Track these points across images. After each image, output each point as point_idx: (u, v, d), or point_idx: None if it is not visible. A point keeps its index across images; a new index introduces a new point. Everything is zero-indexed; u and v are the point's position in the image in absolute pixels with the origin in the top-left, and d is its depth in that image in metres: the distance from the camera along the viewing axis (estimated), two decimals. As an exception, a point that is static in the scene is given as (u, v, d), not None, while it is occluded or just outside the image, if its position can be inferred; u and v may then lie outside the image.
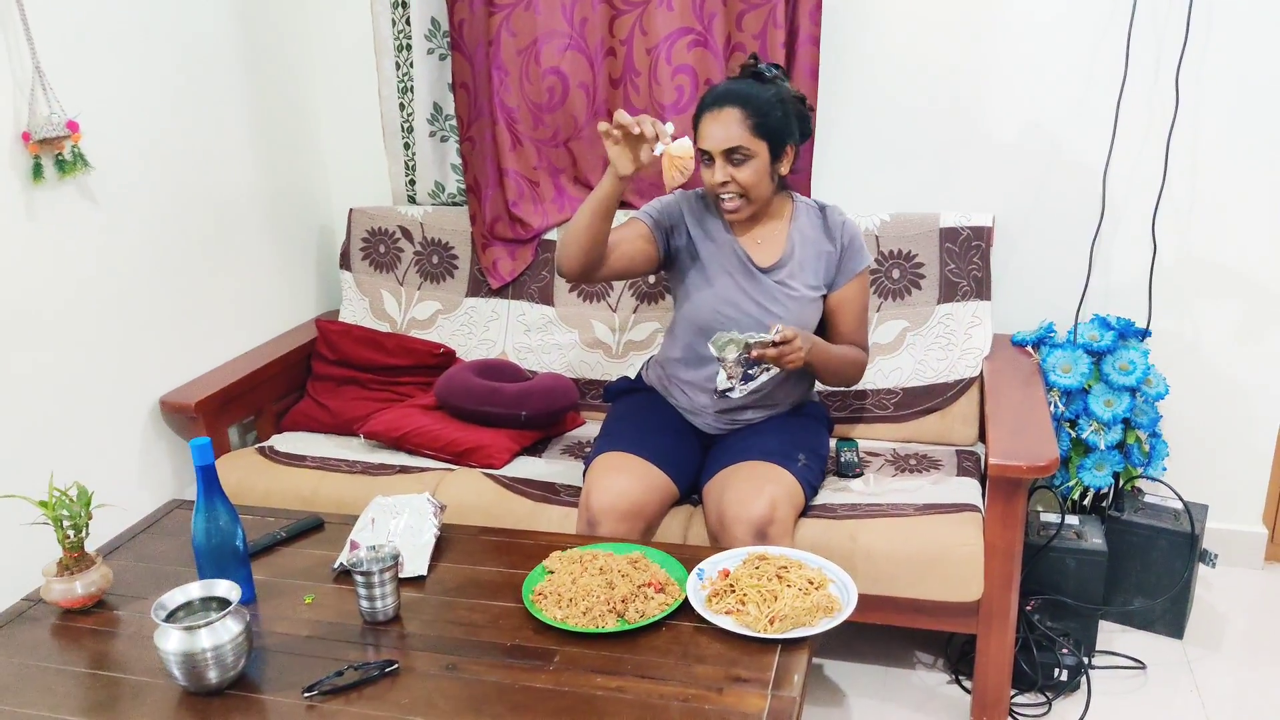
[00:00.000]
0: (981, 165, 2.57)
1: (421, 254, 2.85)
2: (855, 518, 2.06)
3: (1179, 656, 2.35)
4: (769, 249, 2.15)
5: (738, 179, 2.02)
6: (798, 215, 2.17)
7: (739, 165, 2.01)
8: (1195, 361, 2.56)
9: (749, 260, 2.14)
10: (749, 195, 2.04)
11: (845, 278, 2.16)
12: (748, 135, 2.00)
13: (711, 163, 2.03)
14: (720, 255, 2.15)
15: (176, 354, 2.49)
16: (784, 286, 2.12)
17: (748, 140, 2.00)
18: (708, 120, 2.01)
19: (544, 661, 1.53)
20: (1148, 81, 2.42)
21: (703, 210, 2.19)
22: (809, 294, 2.14)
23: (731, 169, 2.02)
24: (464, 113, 2.70)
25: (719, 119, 2.00)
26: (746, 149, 2.00)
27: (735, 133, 1.99)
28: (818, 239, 2.15)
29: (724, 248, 2.15)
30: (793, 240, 2.15)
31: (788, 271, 2.13)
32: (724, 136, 1.99)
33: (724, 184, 2.03)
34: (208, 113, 2.56)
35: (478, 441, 2.36)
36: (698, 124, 2.04)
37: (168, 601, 1.52)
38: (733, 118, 1.99)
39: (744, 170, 2.02)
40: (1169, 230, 2.50)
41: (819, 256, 2.15)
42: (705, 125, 2.02)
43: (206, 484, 1.65)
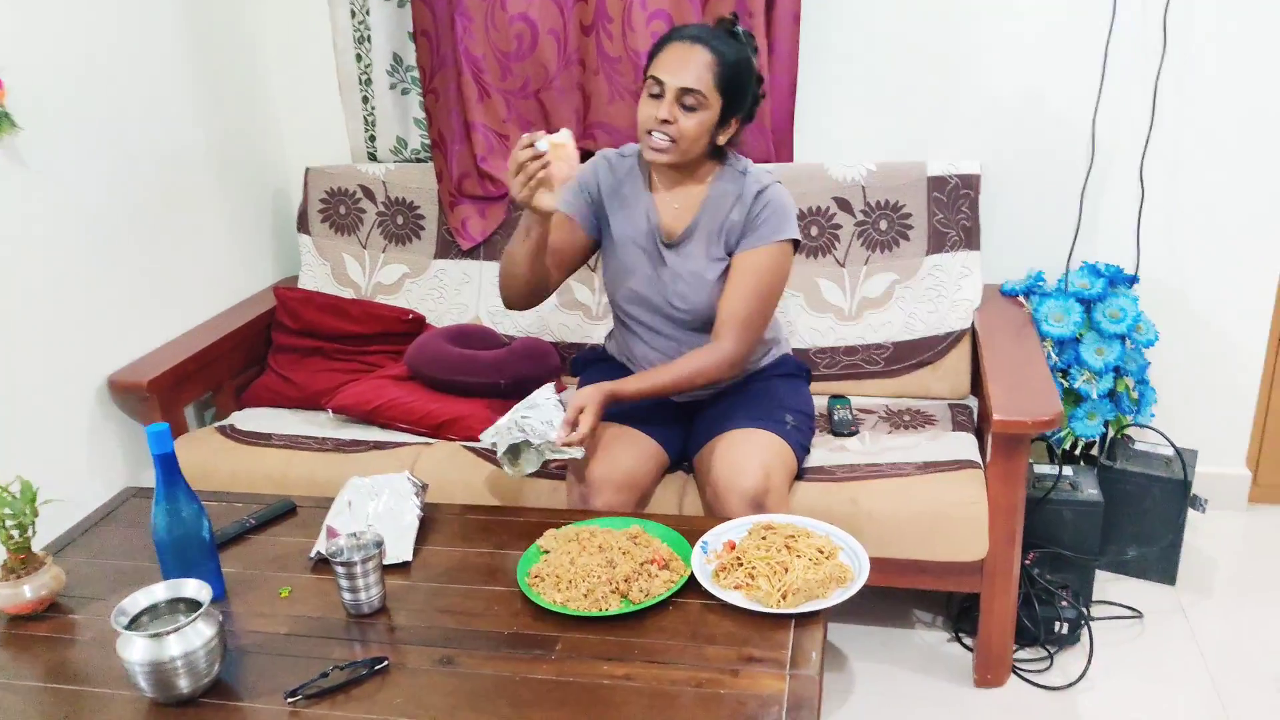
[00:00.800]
0: (968, 112, 2.49)
1: (385, 214, 2.71)
2: (855, 479, 1.99)
3: (1173, 603, 2.35)
4: (683, 214, 2.00)
5: (681, 125, 1.86)
6: (720, 177, 2.00)
7: (688, 111, 1.86)
8: (1181, 307, 2.53)
9: (658, 231, 2.00)
10: (680, 144, 1.88)
11: (746, 246, 1.95)
12: (710, 83, 1.85)
13: (659, 95, 1.86)
14: (632, 224, 2.02)
15: (124, 329, 2.33)
16: (686, 261, 1.98)
17: (708, 88, 1.85)
18: (675, 49, 1.86)
19: (545, 650, 1.44)
20: (1135, 23, 2.35)
21: (621, 170, 2.05)
22: (709, 270, 1.97)
23: (679, 111, 1.86)
24: (426, 63, 2.55)
25: (688, 54, 1.85)
26: (703, 96, 1.85)
27: (700, 75, 1.84)
28: (728, 207, 1.97)
29: (638, 215, 2.02)
30: (704, 209, 1.99)
31: (693, 243, 1.99)
32: (686, 74, 1.84)
33: (664, 122, 1.86)
34: (148, 67, 2.39)
35: (456, 412, 2.25)
36: (657, 50, 1.89)
37: (129, 606, 1.39)
38: (702, 59, 1.85)
39: (691, 118, 1.86)
40: (1156, 175, 2.45)
41: (722, 228, 1.97)
42: (670, 53, 1.86)
43: (166, 473, 1.52)
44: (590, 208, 2.06)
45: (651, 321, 2.05)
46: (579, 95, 2.56)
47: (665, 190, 2.02)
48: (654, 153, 1.90)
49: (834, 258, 2.43)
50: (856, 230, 2.42)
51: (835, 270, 2.43)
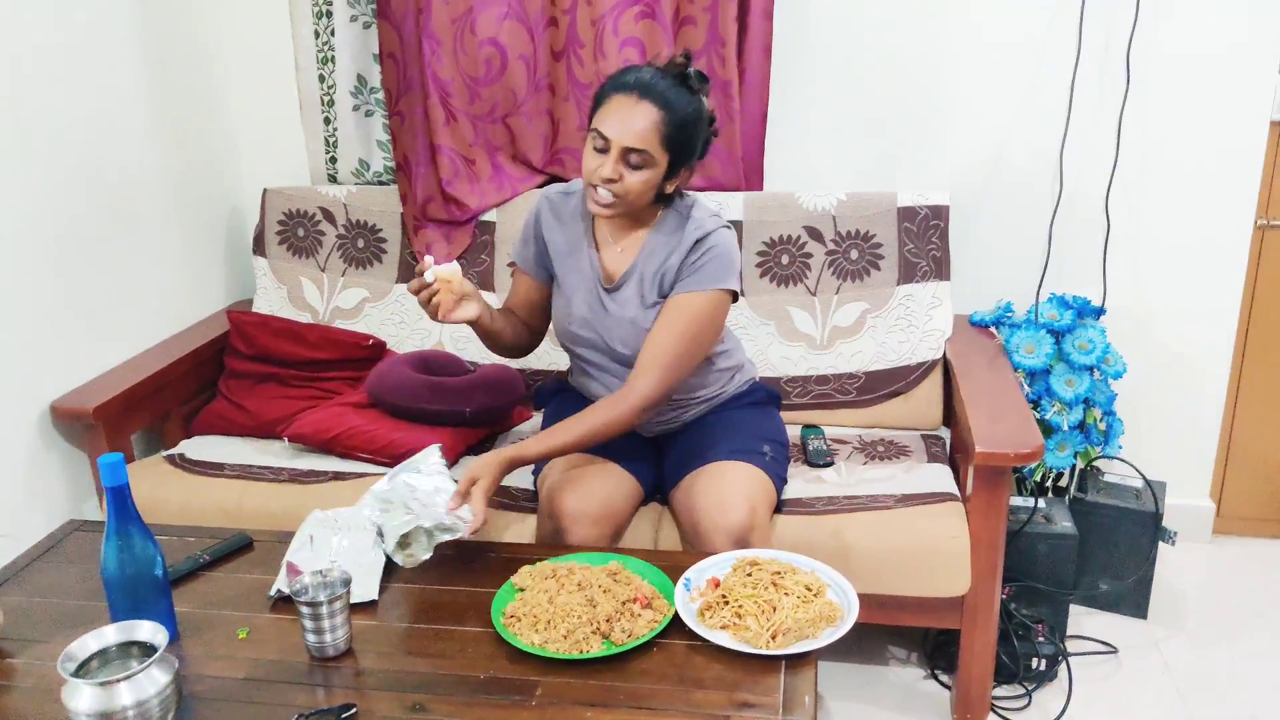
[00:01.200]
0: (938, 144, 2.50)
1: (345, 237, 2.63)
2: (835, 512, 1.95)
3: (1146, 637, 2.34)
4: (623, 259, 1.94)
5: (626, 182, 1.78)
6: (662, 222, 1.92)
7: (634, 169, 1.78)
8: (1146, 339, 2.54)
9: (599, 276, 1.95)
10: (624, 200, 1.81)
11: (681, 290, 1.86)
12: (657, 143, 1.76)
13: (604, 151, 1.77)
14: (577, 270, 1.97)
15: (68, 354, 2.22)
16: (621, 307, 1.92)
17: (654, 147, 1.76)
18: (621, 104, 1.76)
19: (525, 695, 1.37)
20: (1099, 59, 2.38)
21: (566, 213, 2.00)
22: (644, 316, 1.90)
23: (624, 169, 1.78)
24: (392, 85, 2.49)
25: (633, 110, 1.75)
26: (648, 155, 1.77)
27: (645, 135, 1.75)
28: (666, 247, 1.89)
29: (581, 260, 1.96)
30: (642, 252, 1.92)
31: (628, 288, 1.92)
32: (632, 133, 1.75)
33: (609, 181, 1.78)
34: (101, 83, 2.29)
35: (419, 442, 2.14)
36: (604, 99, 1.80)
37: (77, 651, 1.29)
38: (648, 117, 1.75)
39: (636, 176, 1.78)
40: (1121, 207, 2.47)
41: (658, 273, 1.89)
42: (617, 108, 1.77)
43: (118, 507, 1.43)
44: (539, 254, 2.02)
45: (599, 360, 2.00)
46: (547, 121, 2.53)
47: (609, 233, 1.96)
48: (598, 207, 1.83)
49: (805, 286, 2.41)
50: (828, 259, 2.40)
51: (807, 299, 2.41)
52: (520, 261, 2.04)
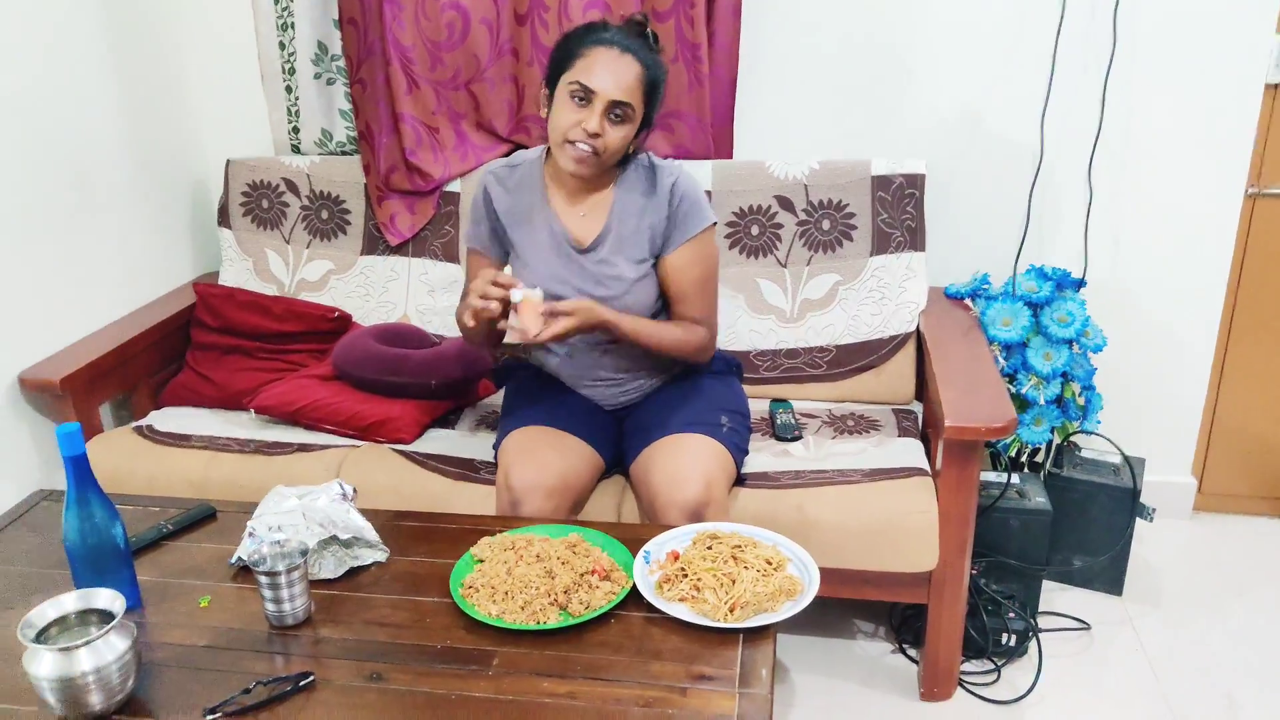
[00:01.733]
0: (913, 110, 2.45)
1: (309, 209, 2.60)
2: (800, 486, 1.93)
3: (1120, 614, 2.32)
4: (590, 222, 1.93)
5: (608, 137, 1.79)
6: (624, 178, 1.93)
7: (616, 123, 1.80)
8: (1128, 312, 2.51)
9: (566, 239, 1.93)
10: (603, 156, 1.82)
11: (675, 243, 1.91)
12: (639, 95, 1.80)
13: (585, 103, 1.78)
14: (535, 237, 1.94)
15: (35, 325, 2.20)
16: (606, 265, 1.91)
17: (637, 101, 1.80)
18: (605, 56, 1.77)
19: (481, 665, 1.36)
20: (1084, 20, 2.33)
21: (514, 185, 1.97)
22: (633, 271, 1.91)
23: (608, 124, 1.79)
24: (353, 52, 2.44)
25: (620, 64, 1.78)
26: (632, 109, 1.80)
27: (631, 87, 1.78)
28: (642, 206, 1.91)
29: (540, 227, 1.94)
30: (614, 213, 1.92)
31: (608, 248, 1.91)
32: (620, 87, 1.77)
33: (594, 136, 1.79)
34: (59, 51, 2.25)
35: (384, 414, 2.15)
36: (580, 51, 1.79)
37: (37, 618, 1.30)
38: (633, 71, 1.78)
39: (618, 131, 1.80)
40: (1104, 176, 2.43)
41: (641, 229, 1.91)
42: (600, 60, 1.77)
43: (78, 476, 1.43)
44: (494, 230, 1.99)
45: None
46: (512, 87, 2.48)
47: (566, 198, 1.94)
48: (576, 164, 1.82)
49: (775, 258, 2.38)
50: (798, 230, 2.37)
51: (777, 271, 2.38)
52: (475, 243, 2.00)
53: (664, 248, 1.92)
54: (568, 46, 1.83)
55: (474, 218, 2.00)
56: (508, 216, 1.96)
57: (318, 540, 1.55)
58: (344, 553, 1.59)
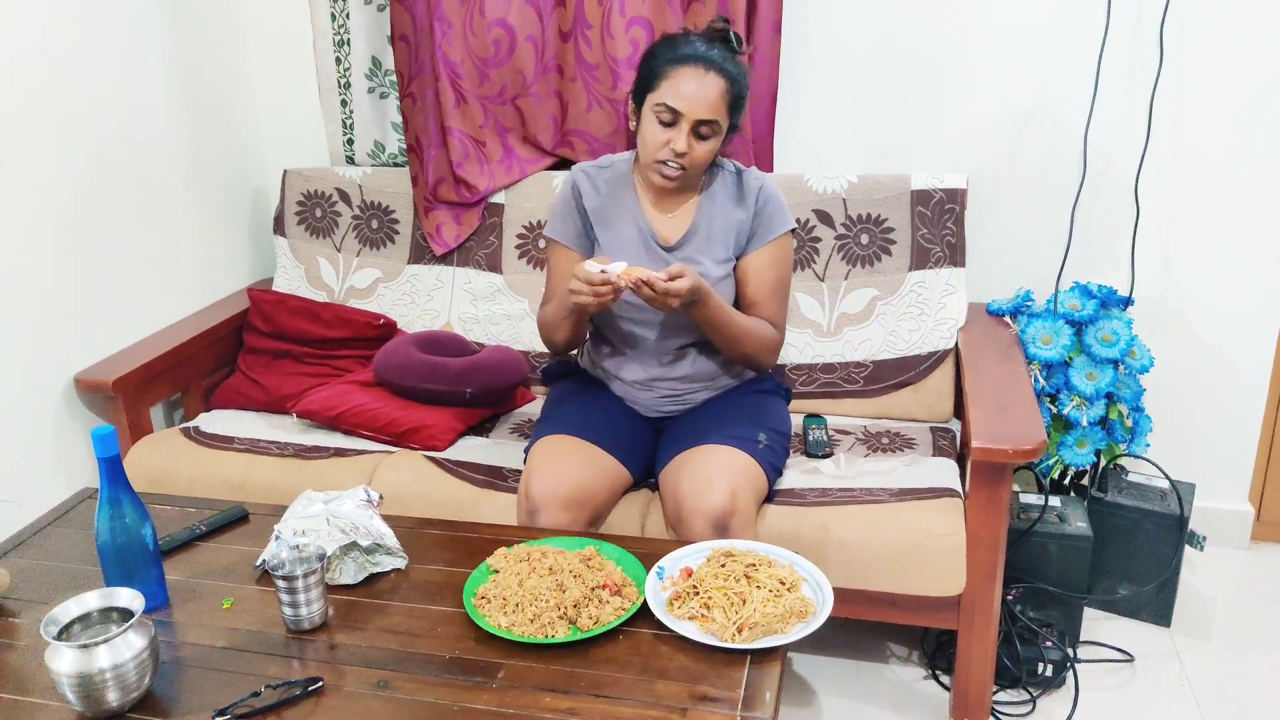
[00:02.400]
0: (955, 124, 2.42)
1: (360, 218, 2.66)
2: (827, 504, 1.91)
3: (1167, 646, 2.24)
4: (678, 223, 1.97)
5: (696, 153, 1.83)
6: (711, 183, 1.98)
7: (703, 139, 1.83)
8: (1179, 332, 2.44)
9: (652, 238, 1.96)
10: (691, 171, 1.87)
11: (756, 243, 1.96)
12: (724, 110, 1.82)
13: (672, 124, 1.82)
14: (622, 236, 1.96)
15: (94, 328, 2.28)
16: (691, 263, 1.92)
17: (722, 115, 1.83)
18: (689, 76, 1.80)
19: (487, 677, 1.37)
20: (1130, 34, 2.27)
21: (602, 185, 2.00)
22: (717, 270, 1.95)
23: (695, 140, 1.83)
24: (404, 67, 2.49)
25: (703, 82, 1.79)
26: (718, 124, 1.83)
27: (716, 104, 1.81)
28: (729, 208, 1.96)
29: (627, 227, 1.97)
30: (702, 212, 1.96)
31: (694, 246, 1.95)
32: (706, 105, 1.80)
33: (681, 155, 1.83)
34: (124, 65, 2.33)
35: (419, 421, 2.18)
36: (665, 71, 1.82)
37: (60, 615, 1.34)
38: (718, 88, 1.80)
39: (705, 146, 1.84)
40: (1152, 193, 2.37)
41: (729, 227, 1.95)
42: (687, 80, 1.80)
43: (111, 477, 1.48)
44: (583, 227, 2.00)
45: (639, 332, 1.99)
46: (556, 102, 2.51)
47: (654, 201, 1.98)
48: (666, 181, 1.88)
49: (813, 271, 2.36)
50: (837, 244, 2.35)
51: (814, 285, 2.36)
52: (561, 238, 2.01)
53: (746, 248, 1.96)
54: (653, 64, 1.85)
55: (561, 214, 2.02)
56: (596, 214, 1.99)
57: (338, 546, 1.58)
58: (365, 559, 1.61)
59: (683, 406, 2.04)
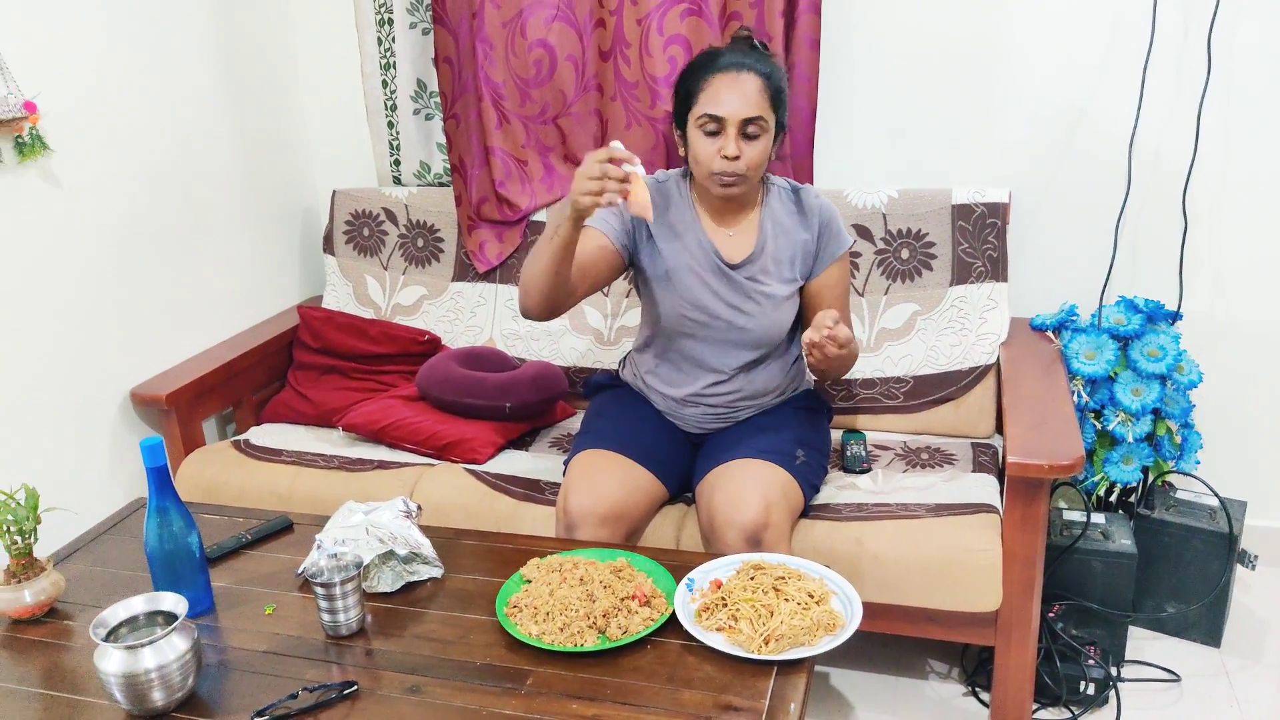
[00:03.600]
0: (996, 137, 2.40)
1: (406, 237, 2.72)
2: (861, 519, 1.91)
3: (1216, 667, 2.19)
4: (741, 241, 1.96)
5: (748, 155, 1.83)
6: (769, 201, 1.98)
7: (752, 140, 1.83)
8: (1230, 347, 2.39)
9: (718, 256, 1.95)
10: (749, 175, 1.86)
11: (824, 264, 1.96)
12: (767, 106, 1.82)
13: (717, 133, 1.82)
14: (686, 252, 1.96)
15: (149, 344, 2.37)
16: (756, 283, 1.94)
17: (766, 112, 1.82)
18: (723, 83, 1.81)
19: (516, 684, 1.39)
20: (1176, 44, 2.24)
21: (662, 197, 1.99)
22: (783, 290, 1.95)
23: (744, 143, 1.83)
24: (448, 89, 2.55)
25: (739, 84, 1.81)
26: (764, 121, 1.82)
27: (757, 101, 1.81)
28: (792, 227, 1.96)
29: (691, 244, 1.96)
30: (765, 231, 1.96)
31: (760, 266, 1.95)
32: (747, 104, 1.80)
33: (734, 159, 1.83)
34: (180, 91, 2.43)
35: (460, 435, 2.22)
36: (700, 85, 1.84)
37: (109, 618, 1.40)
38: (754, 85, 1.81)
39: (756, 146, 1.84)
40: (1201, 206, 2.33)
41: (794, 246, 1.95)
42: (720, 89, 1.81)
43: (159, 486, 1.53)
44: (626, 228, 1.97)
45: (698, 350, 1.99)
46: (596, 120, 2.54)
47: (714, 218, 1.98)
48: (725, 189, 1.88)
49: (853, 287, 2.36)
50: (877, 259, 2.34)
51: (854, 300, 2.35)
52: (602, 225, 1.93)
53: (814, 268, 1.97)
54: (687, 86, 1.87)
55: (613, 211, 1.94)
56: (660, 227, 1.97)
57: (376, 555, 1.62)
58: (402, 568, 1.65)
59: (724, 424, 2.05)
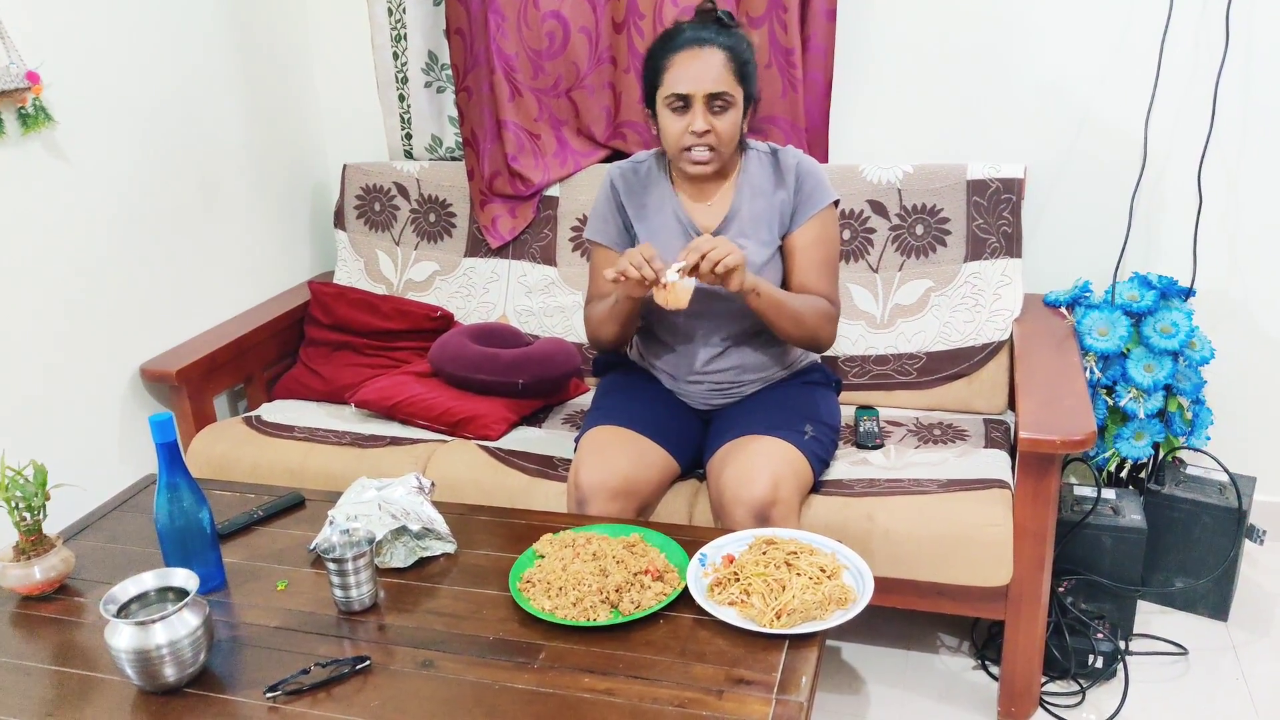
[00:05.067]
0: (1012, 112, 2.39)
1: (418, 212, 2.71)
2: (873, 495, 1.91)
3: (1223, 640, 2.20)
4: (718, 210, 1.97)
5: (718, 129, 1.84)
6: (747, 166, 1.98)
7: (720, 114, 1.84)
8: (1243, 323, 2.39)
9: (691, 226, 1.96)
10: (720, 149, 1.87)
11: (800, 219, 1.95)
12: (732, 80, 1.83)
13: (685, 109, 1.84)
14: (664, 228, 1.98)
15: (158, 320, 2.37)
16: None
17: (732, 86, 1.83)
18: (685, 59, 1.82)
19: (528, 658, 1.40)
20: (1194, 18, 2.23)
21: (637, 181, 2.01)
22: (761, 253, 1.94)
23: (713, 117, 1.84)
24: (459, 61, 2.54)
25: (701, 58, 1.82)
26: (730, 95, 1.83)
27: (721, 76, 1.82)
28: (768, 188, 1.96)
29: (668, 218, 1.98)
30: (741, 194, 1.96)
31: (735, 229, 1.95)
32: (710, 78, 1.81)
33: (703, 134, 1.84)
34: (188, 63, 2.42)
35: (473, 411, 2.23)
36: (664, 64, 1.85)
37: (119, 594, 1.40)
38: (717, 59, 1.82)
39: (724, 119, 1.85)
40: (1217, 183, 2.31)
41: (770, 208, 1.95)
42: (683, 65, 1.82)
43: (169, 462, 1.54)
44: (624, 226, 2.03)
45: (687, 325, 2.00)
46: (609, 94, 2.53)
47: (692, 190, 1.99)
48: (698, 166, 1.89)
49: (867, 263, 2.35)
50: (891, 234, 2.33)
51: (868, 276, 2.35)
52: (603, 239, 2.04)
53: (790, 225, 1.95)
54: (652, 63, 1.89)
55: (602, 214, 2.05)
56: (635, 210, 2.01)
57: (389, 530, 1.62)
58: (415, 544, 1.65)
59: (731, 399, 2.05)
